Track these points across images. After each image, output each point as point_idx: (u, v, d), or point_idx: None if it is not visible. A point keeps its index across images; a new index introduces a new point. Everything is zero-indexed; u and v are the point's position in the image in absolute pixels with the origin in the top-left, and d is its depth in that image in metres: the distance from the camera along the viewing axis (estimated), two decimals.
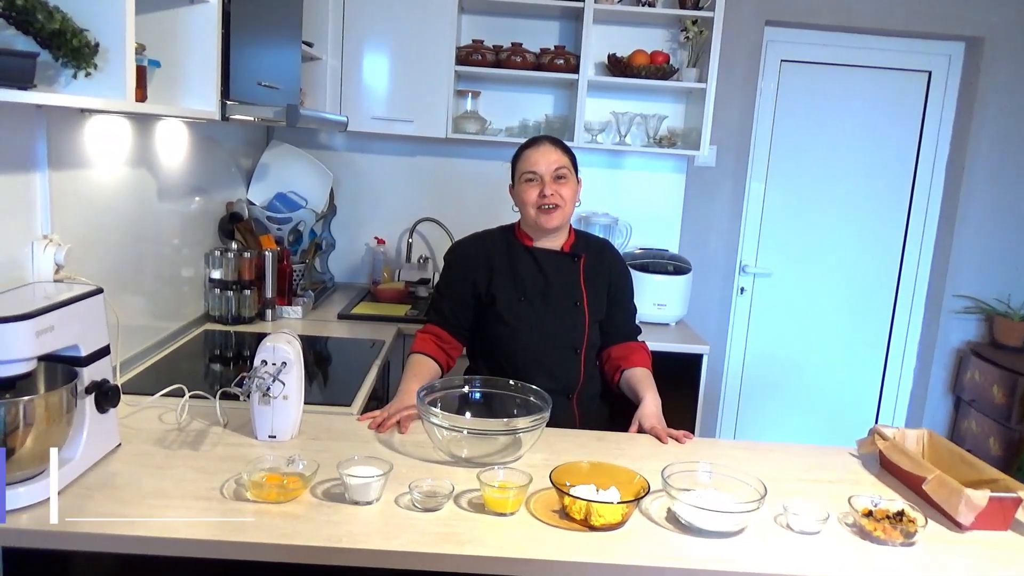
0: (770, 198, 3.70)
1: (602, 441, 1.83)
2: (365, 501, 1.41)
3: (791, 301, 3.79)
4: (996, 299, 3.60)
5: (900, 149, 3.68)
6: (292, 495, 1.41)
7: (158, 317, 2.37)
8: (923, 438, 1.82)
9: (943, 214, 3.69)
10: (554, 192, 1.98)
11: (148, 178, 2.23)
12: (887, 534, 1.42)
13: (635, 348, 2.11)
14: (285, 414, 1.67)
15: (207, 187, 2.71)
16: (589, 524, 1.38)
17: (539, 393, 1.76)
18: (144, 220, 2.23)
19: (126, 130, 2.08)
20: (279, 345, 1.65)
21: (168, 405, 1.78)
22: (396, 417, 1.79)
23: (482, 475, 1.44)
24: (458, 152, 3.50)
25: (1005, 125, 3.52)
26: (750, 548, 1.36)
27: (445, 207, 3.49)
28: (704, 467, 1.53)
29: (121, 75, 1.32)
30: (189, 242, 2.58)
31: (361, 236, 3.56)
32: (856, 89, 3.62)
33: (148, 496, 1.39)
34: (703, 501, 1.42)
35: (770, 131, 3.64)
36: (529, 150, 2.03)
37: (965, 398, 3.56)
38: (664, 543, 1.36)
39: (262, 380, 1.55)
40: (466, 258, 2.11)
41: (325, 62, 3.03)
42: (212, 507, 1.37)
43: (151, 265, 2.30)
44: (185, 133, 2.47)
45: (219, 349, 2.54)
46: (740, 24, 3.36)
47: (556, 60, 3.13)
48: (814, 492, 1.60)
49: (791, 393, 3.86)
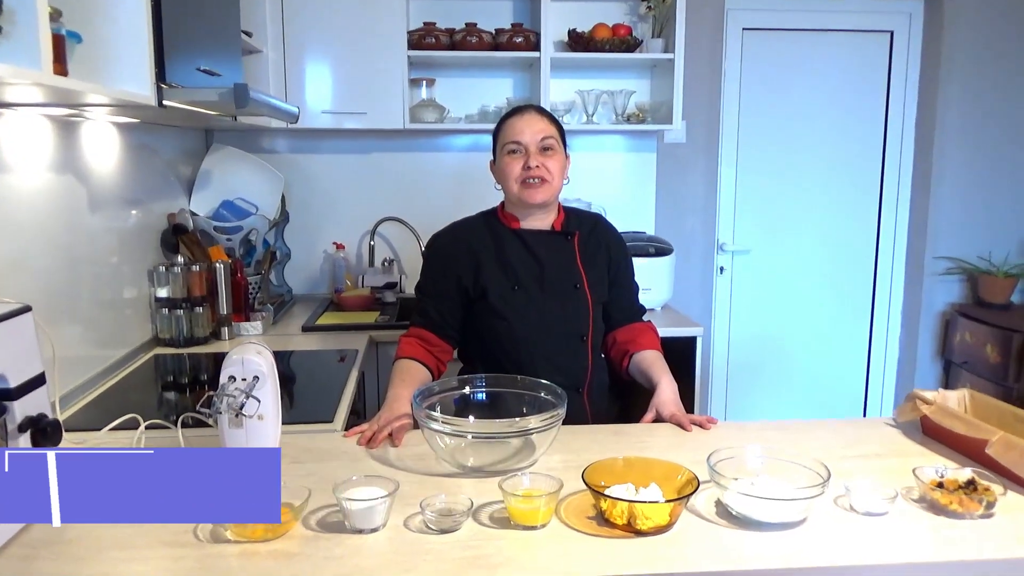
0: (742, 171, 3.58)
1: (620, 435, 1.66)
2: (370, 528, 1.20)
3: (771, 277, 3.68)
4: (978, 257, 3.53)
5: (868, 112, 3.60)
6: (282, 529, 1.19)
7: (99, 345, 2.10)
8: (965, 399, 1.68)
9: (916, 175, 3.62)
10: (540, 164, 1.78)
11: (76, 187, 1.97)
12: (965, 506, 1.27)
13: (642, 329, 1.92)
14: (262, 436, 1.43)
15: (144, 199, 2.44)
16: (634, 529, 1.20)
17: (550, 388, 1.56)
18: (75, 235, 1.97)
19: (46, 130, 1.82)
20: (249, 357, 1.42)
21: (121, 439, 1.55)
22: (388, 429, 1.59)
23: (504, 484, 1.24)
24: (416, 145, 3.28)
25: (974, 80, 3.46)
26: (817, 538, 1.20)
27: (407, 204, 3.27)
28: (753, 451, 1.35)
29: (33, 40, 1.07)
30: (129, 259, 2.32)
31: (318, 243, 3.32)
32: (819, 54, 3.53)
33: (107, 548, 1.16)
34: (759, 490, 1.25)
35: (737, 103, 3.52)
36: (513, 118, 1.83)
37: (956, 360, 3.48)
38: (720, 542, 1.19)
39: (233, 398, 1.31)
40: (447, 251, 1.90)
41: (265, 55, 2.79)
42: (186, 554, 1.14)
43: (87, 286, 2.03)
44: (116, 137, 2.21)
45: (172, 375, 2.27)
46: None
47: (515, 39, 2.94)
48: (861, 468, 1.46)
49: (779, 371, 3.75)
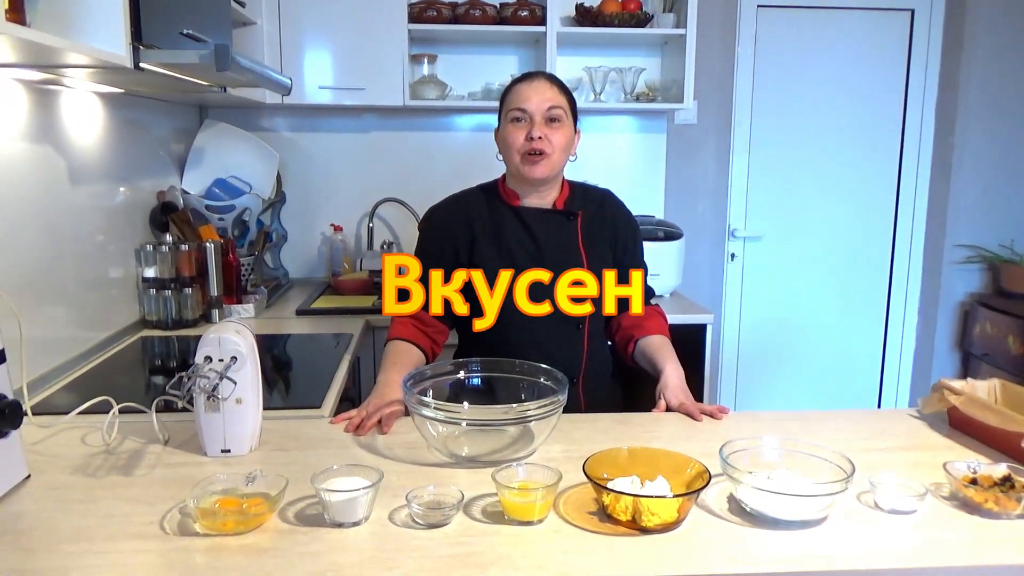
0: (755, 155, 3.45)
1: (626, 424, 1.55)
2: (351, 522, 1.10)
3: (784, 264, 3.56)
4: (1000, 245, 3.40)
5: (887, 93, 3.46)
6: (255, 522, 1.09)
7: (82, 326, 2.01)
8: (995, 389, 1.56)
9: (936, 160, 3.49)
10: (543, 136, 1.67)
11: (56, 159, 1.87)
12: (1001, 505, 1.16)
13: (649, 313, 1.81)
14: (240, 421, 1.34)
15: (132, 176, 2.34)
16: (639, 525, 1.09)
17: (550, 373, 1.46)
18: (56, 212, 1.87)
19: (19, 96, 1.72)
20: (226, 336, 1.32)
21: (94, 424, 1.45)
22: (377, 415, 1.48)
23: (498, 475, 1.14)
24: (417, 124, 3.17)
25: (997, 60, 3.33)
26: (839, 538, 1.09)
27: (407, 185, 3.16)
28: (770, 442, 1.24)
29: None
30: (115, 238, 2.22)
31: (315, 225, 3.21)
32: (836, 32, 3.40)
33: (65, 540, 1.06)
34: (776, 484, 1.14)
35: (751, 83, 3.39)
36: (521, 84, 1.71)
37: (976, 352, 3.36)
38: (733, 541, 1.08)
39: (206, 379, 1.21)
40: (443, 224, 1.79)
41: (261, 27, 2.68)
42: (151, 547, 1.04)
43: (69, 265, 1.94)
44: (100, 109, 2.11)
45: (159, 358, 2.17)
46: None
47: (520, 12, 2.83)
48: (885, 462, 1.35)
49: (791, 360, 3.64)
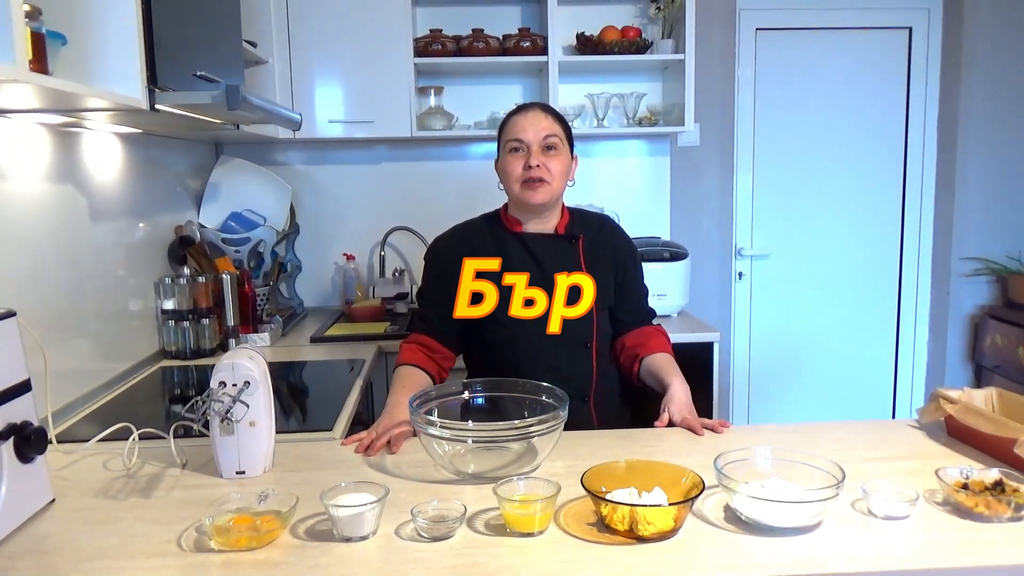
0: (759, 174, 3.50)
1: (629, 440, 1.59)
2: (359, 536, 1.14)
3: (793, 281, 3.58)
4: (1007, 257, 3.41)
5: (888, 111, 3.51)
6: (267, 538, 1.14)
7: (104, 357, 2.08)
8: (992, 398, 1.59)
9: (940, 174, 3.52)
10: (541, 164, 1.73)
11: (77, 198, 1.96)
12: (992, 509, 1.18)
13: (651, 333, 1.86)
14: (254, 444, 1.40)
15: (151, 212, 2.43)
16: (636, 535, 1.13)
17: (551, 391, 1.50)
18: (78, 248, 1.96)
19: (43, 139, 1.81)
20: (240, 361, 1.38)
21: (115, 450, 1.51)
22: (386, 436, 1.53)
23: (499, 489, 1.19)
24: (425, 154, 3.25)
25: (997, 74, 3.36)
26: (832, 543, 1.12)
27: (417, 214, 3.24)
28: (763, 452, 1.27)
29: (5, 33, 1.04)
30: (135, 272, 2.30)
31: (329, 255, 3.29)
32: (835, 53, 3.45)
33: (88, 559, 1.12)
34: (769, 492, 1.17)
35: (752, 104, 3.45)
36: (517, 116, 1.78)
37: (987, 365, 3.35)
38: (729, 548, 1.11)
39: (220, 403, 1.27)
40: (447, 254, 1.85)
41: (272, 65, 2.78)
42: (168, 564, 1.10)
43: (92, 299, 2.02)
44: (119, 149, 2.20)
45: (178, 387, 2.24)
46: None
47: (522, 43, 2.91)
48: (882, 471, 1.38)
49: (802, 377, 3.65)
